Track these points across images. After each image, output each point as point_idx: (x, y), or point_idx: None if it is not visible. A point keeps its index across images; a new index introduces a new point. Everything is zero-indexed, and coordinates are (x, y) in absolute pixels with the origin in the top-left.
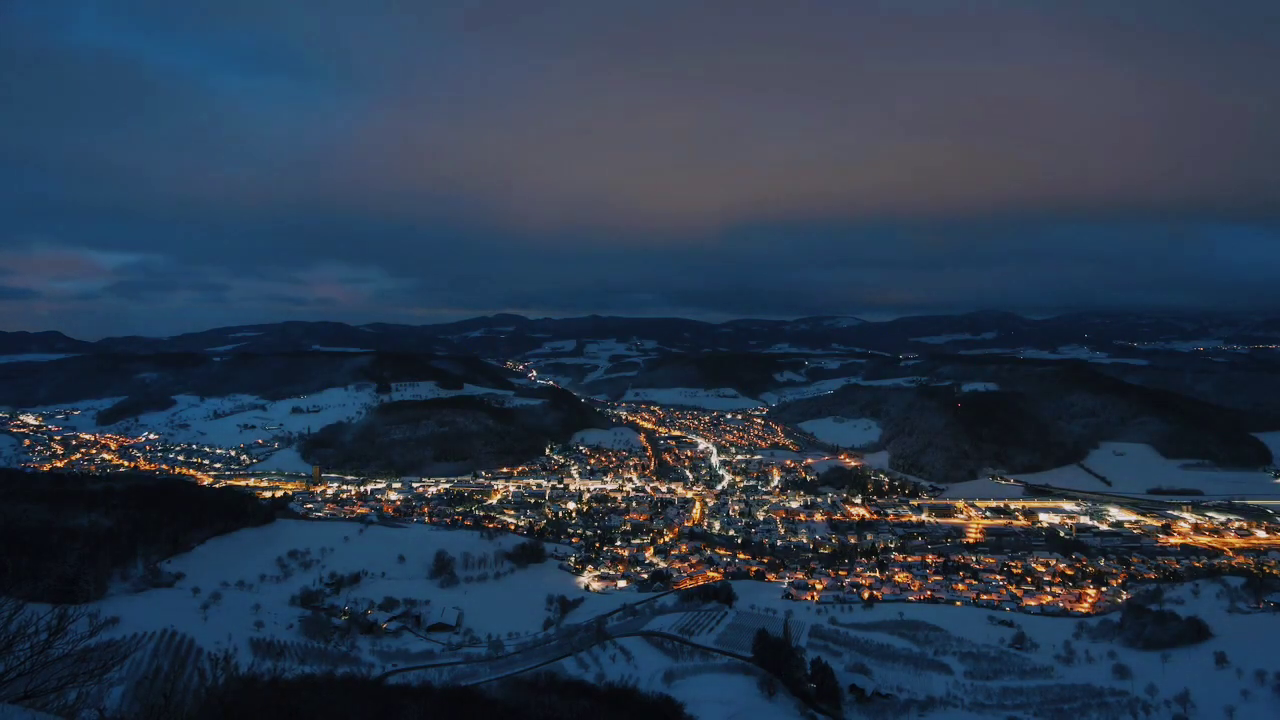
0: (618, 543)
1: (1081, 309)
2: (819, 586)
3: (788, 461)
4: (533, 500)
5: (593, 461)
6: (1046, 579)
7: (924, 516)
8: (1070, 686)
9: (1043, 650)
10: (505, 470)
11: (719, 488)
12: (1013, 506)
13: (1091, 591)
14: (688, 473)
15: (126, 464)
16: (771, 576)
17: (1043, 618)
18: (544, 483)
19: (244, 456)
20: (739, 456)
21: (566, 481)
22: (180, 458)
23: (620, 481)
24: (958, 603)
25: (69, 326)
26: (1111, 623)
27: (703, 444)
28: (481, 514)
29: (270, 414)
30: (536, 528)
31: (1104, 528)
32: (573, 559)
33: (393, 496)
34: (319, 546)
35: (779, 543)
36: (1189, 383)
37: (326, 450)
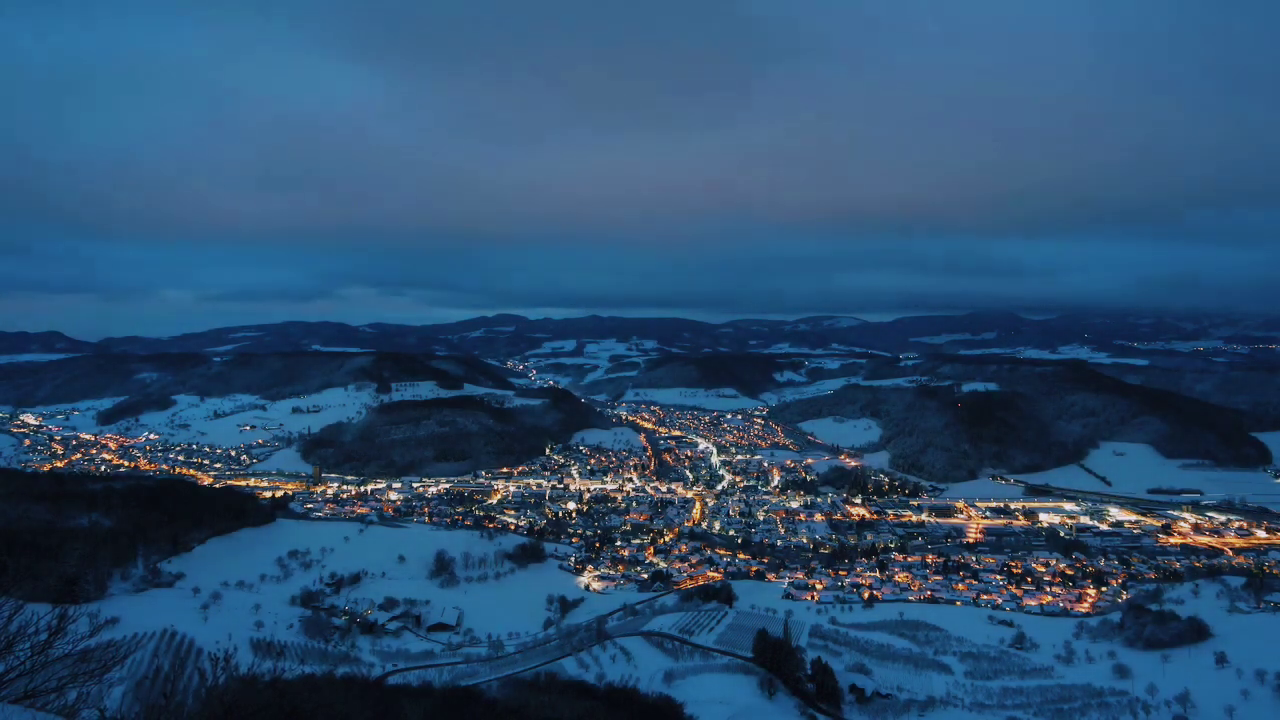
0: (618, 543)
1: (1081, 309)
2: (819, 586)
3: (788, 461)
4: (533, 500)
5: (593, 461)
6: (1046, 579)
7: (924, 516)
8: (1070, 686)
9: (1043, 650)
10: (505, 470)
11: (719, 488)
12: (1013, 506)
13: (1091, 591)
14: (688, 473)
15: (126, 464)
16: (771, 576)
17: (1043, 618)
18: (544, 483)
19: (244, 456)
20: (739, 456)
21: (567, 481)
22: (180, 458)
23: (620, 481)
24: (958, 603)
25: (69, 326)
26: (1111, 623)
27: (703, 444)
28: (481, 514)
29: (270, 414)
30: (536, 528)
31: (1104, 528)
32: (573, 559)
33: (393, 496)
34: (319, 546)
35: (779, 543)
36: (1189, 383)
37: (326, 450)
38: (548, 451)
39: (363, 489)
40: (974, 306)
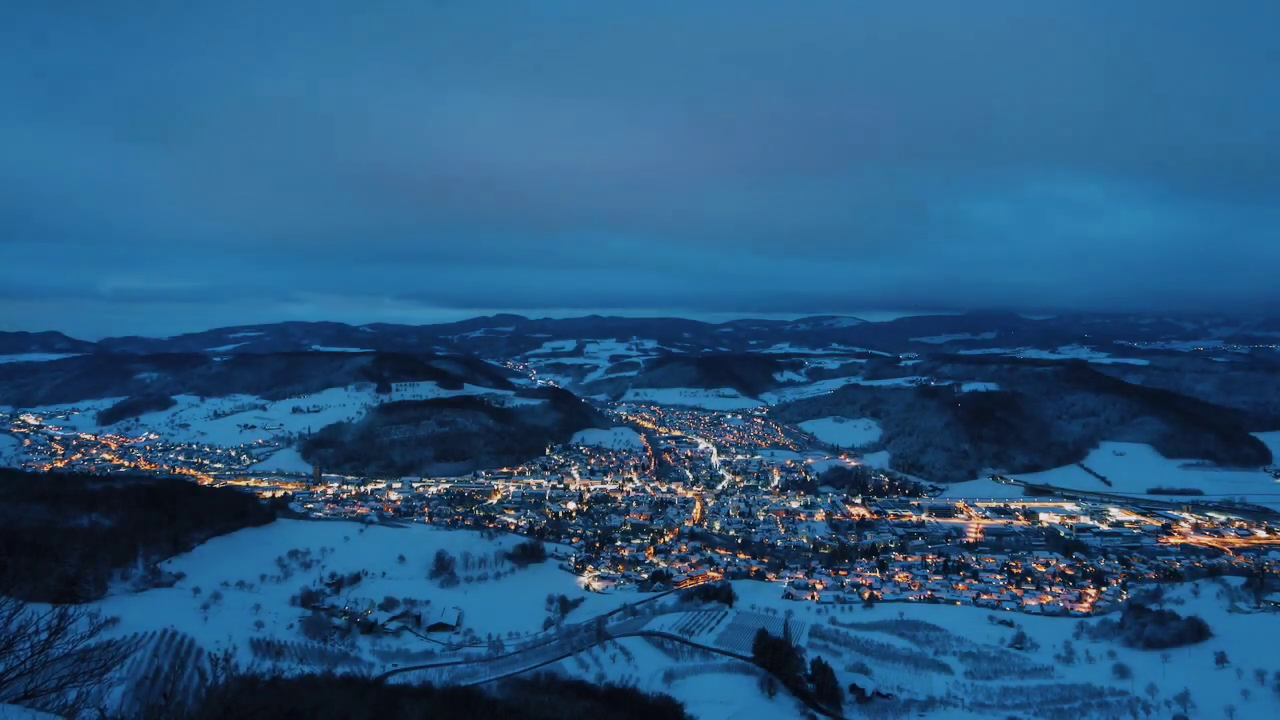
0: (618, 543)
1: (1081, 309)
2: (819, 586)
3: (788, 461)
4: (533, 500)
5: (593, 462)
6: (1046, 579)
7: (924, 516)
8: (1070, 686)
9: (1043, 650)
10: (505, 470)
11: (719, 488)
12: (1013, 506)
13: (1091, 591)
14: (688, 473)
15: (126, 464)
16: (771, 576)
17: (1043, 618)
18: (544, 483)
19: (244, 456)
20: (739, 456)
21: (567, 481)
22: (180, 458)
23: (620, 481)
24: (958, 603)
25: (69, 326)
26: (1111, 623)
27: (703, 444)
28: (482, 514)
29: (270, 414)
30: (537, 528)
31: (1104, 528)
32: (573, 559)
33: (393, 496)
34: (319, 546)
35: (779, 543)
36: (1189, 383)
37: (326, 450)
38: (548, 451)
39: (363, 489)
40: (974, 307)
